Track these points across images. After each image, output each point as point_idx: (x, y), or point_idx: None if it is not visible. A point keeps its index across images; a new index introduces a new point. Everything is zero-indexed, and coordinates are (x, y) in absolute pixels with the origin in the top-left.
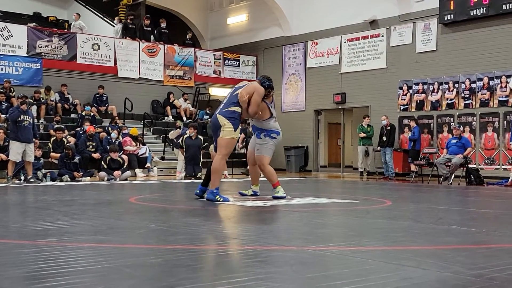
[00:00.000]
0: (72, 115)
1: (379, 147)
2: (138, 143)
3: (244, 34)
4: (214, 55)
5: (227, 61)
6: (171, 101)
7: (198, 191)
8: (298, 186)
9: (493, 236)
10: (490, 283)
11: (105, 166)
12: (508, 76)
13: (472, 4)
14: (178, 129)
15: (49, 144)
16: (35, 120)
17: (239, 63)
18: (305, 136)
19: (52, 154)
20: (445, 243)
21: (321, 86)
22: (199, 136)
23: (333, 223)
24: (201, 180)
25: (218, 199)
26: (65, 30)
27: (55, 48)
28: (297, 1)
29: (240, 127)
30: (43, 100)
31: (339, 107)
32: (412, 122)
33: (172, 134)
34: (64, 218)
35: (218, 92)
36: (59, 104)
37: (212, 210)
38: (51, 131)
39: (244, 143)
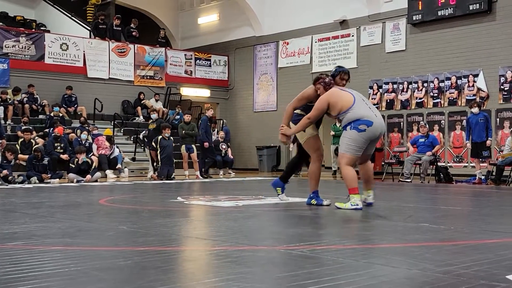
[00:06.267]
0: (41, 116)
1: None
2: (112, 145)
3: (215, 34)
4: (185, 55)
5: (198, 61)
6: (142, 102)
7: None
8: (270, 186)
9: (460, 233)
10: (457, 280)
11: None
12: (475, 75)
13: (439, 5)
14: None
15: (16, 145)
16: (2, 121)
17: (210, 63)
18: (277, 135)
19: (20, 156)
20: (414, 240)
21: (292, 86)
22: (171, 137)
23: (304, 222)
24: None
25: (313, 202)
26: (33, 30)
27: (22, 48)
28: (268, 1)
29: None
30: (10, 101)
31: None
32: None
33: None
34: (31, 220)
35: (189, 92)
36: (26, 105)
37: (183, 211)
38: (19, 133)
39: None
